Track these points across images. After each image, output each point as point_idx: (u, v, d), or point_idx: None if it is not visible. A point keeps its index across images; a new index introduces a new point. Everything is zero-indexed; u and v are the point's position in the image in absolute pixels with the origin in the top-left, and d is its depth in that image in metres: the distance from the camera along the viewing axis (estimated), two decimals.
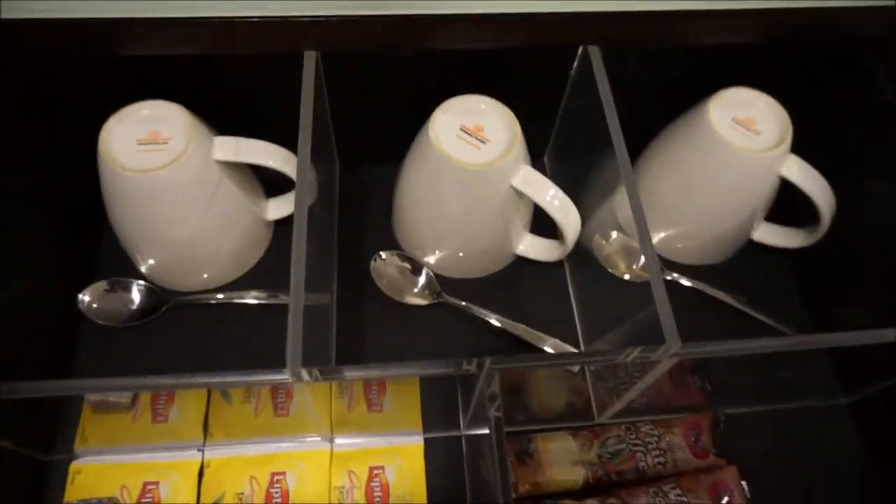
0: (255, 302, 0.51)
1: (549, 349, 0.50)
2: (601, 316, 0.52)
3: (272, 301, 0.51)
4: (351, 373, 0.34)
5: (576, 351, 0.50)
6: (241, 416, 0.46)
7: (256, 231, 0.53)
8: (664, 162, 0.53)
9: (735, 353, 0.38)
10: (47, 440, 0.45)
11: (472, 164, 0.45)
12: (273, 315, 0.51)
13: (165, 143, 0.44)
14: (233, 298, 0.51)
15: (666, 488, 0.45)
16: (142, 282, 0.50)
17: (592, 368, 0.48)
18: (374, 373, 0.38)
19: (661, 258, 0.57)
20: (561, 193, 0.46)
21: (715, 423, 0.48)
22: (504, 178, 0.46)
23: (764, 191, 0.51)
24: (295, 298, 0.34)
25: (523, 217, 0.52)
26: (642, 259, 0.54)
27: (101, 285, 0.49)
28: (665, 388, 0.48)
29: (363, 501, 0.45)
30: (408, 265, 0.53)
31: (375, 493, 0.45)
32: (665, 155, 0.53)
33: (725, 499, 0.45)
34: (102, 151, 0.43)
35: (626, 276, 0.55)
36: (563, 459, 0.46)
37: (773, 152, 0.48)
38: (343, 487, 0.45)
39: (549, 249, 0.52)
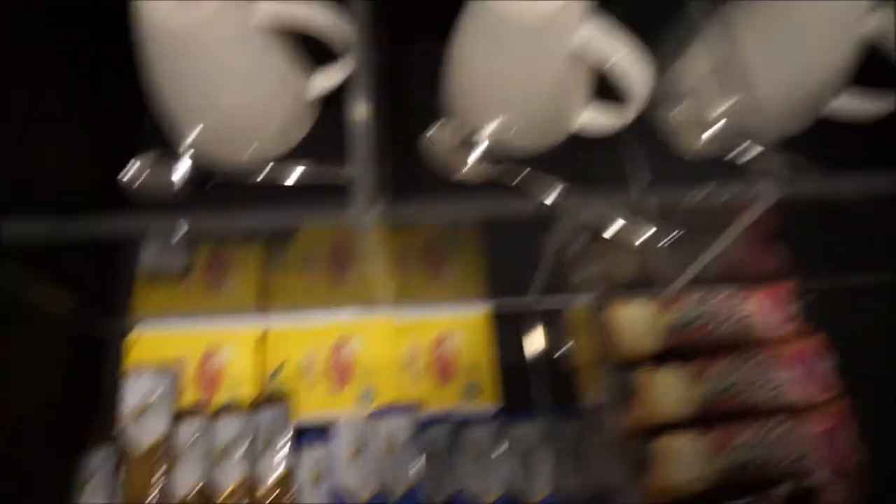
0: (302, 179, 0.48)
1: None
2: None
3: (318, 180, 0.48)
4: (418, 209, 0.32)
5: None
6: (298, 285, 0.45)
7: (301, 104, 0.50)
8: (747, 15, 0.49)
9: (842, 194, 0.35)
10: (104, 309, 0.44)
11: (530, 17, 0.41)
12: (319, 192, 0.49)
13: None
14: (277, 174, 0.48)
15: (748, 354, 0.43)
16: (186, 156, 0.48)
17: (672, 225, 0.45)
18: (441, 211, 0.36)
19: None
20: (628, 48, 0.42)
21: (799, 292, 0.45)
22: (564, 32, 0.43)
23: (847, 47, 0.46)
24: (361, 130, 0.31)
25: (584, 81, 0.48)
26: (712, 130, 0.51)
27: (146, 159, 0.47)
28: (746, 257, 0.45)
29: (428, 370, 0.43)
30: (462, 137, 0.49)
31: (440, 363, 0.44)
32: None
33: (810, 366, 0.43)
34: (138, 7, 0.40)
35: (693, 150, 0.52)
36: (637, 326, 0.44)
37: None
38: (408, 354, 0.44)
39: (610, 118, 0.48)
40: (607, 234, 0.45)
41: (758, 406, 0.42)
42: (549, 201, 0.33)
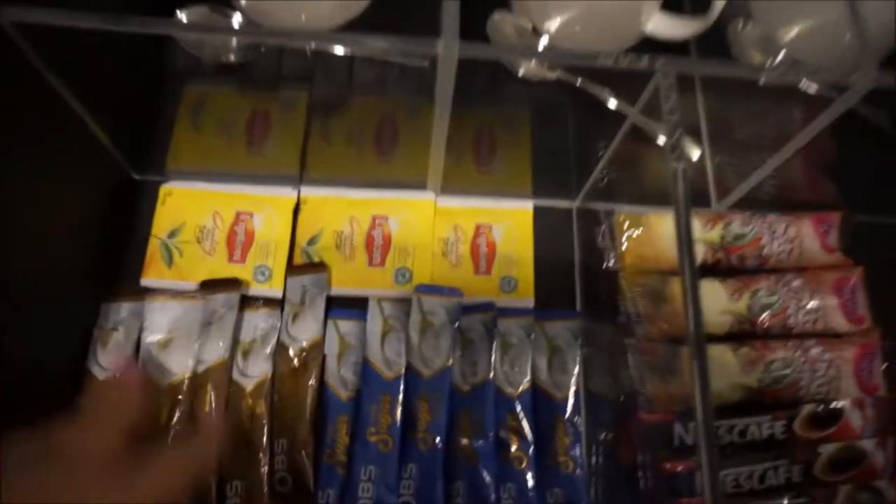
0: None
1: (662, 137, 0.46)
2: None
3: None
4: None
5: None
6: (340, 157, 0.43)
7: None
8: None
9: None
10: (140, 158, 0.42)
11: None
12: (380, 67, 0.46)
13: None
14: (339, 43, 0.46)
15: (788, 277, 0.42)
16: (239, 12, 0.46)
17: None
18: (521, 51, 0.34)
19: None
20: None
21: (846, 220, 0.44)
22: None
23: None
24: None
25: None
26: (779, 57, 0.50)
27: (203, 9, 0.44)
28: (797, 180, 0.45)
29: (466, 258, 0.42)
30: (528, 28, 0.48)
31: (481, 250, 0.43)
32: None
33: (848, 297, 0.42)
34: None
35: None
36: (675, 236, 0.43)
37: None
38: (448, 239, 0.43)
39: (682, 24, 0.47)
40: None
41: (794, 328, 0.42)
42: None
